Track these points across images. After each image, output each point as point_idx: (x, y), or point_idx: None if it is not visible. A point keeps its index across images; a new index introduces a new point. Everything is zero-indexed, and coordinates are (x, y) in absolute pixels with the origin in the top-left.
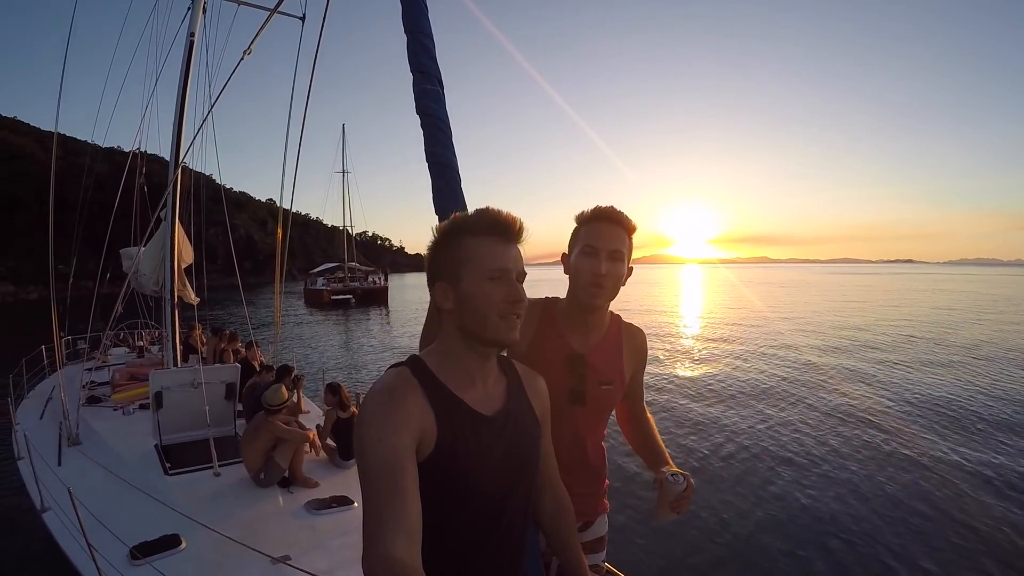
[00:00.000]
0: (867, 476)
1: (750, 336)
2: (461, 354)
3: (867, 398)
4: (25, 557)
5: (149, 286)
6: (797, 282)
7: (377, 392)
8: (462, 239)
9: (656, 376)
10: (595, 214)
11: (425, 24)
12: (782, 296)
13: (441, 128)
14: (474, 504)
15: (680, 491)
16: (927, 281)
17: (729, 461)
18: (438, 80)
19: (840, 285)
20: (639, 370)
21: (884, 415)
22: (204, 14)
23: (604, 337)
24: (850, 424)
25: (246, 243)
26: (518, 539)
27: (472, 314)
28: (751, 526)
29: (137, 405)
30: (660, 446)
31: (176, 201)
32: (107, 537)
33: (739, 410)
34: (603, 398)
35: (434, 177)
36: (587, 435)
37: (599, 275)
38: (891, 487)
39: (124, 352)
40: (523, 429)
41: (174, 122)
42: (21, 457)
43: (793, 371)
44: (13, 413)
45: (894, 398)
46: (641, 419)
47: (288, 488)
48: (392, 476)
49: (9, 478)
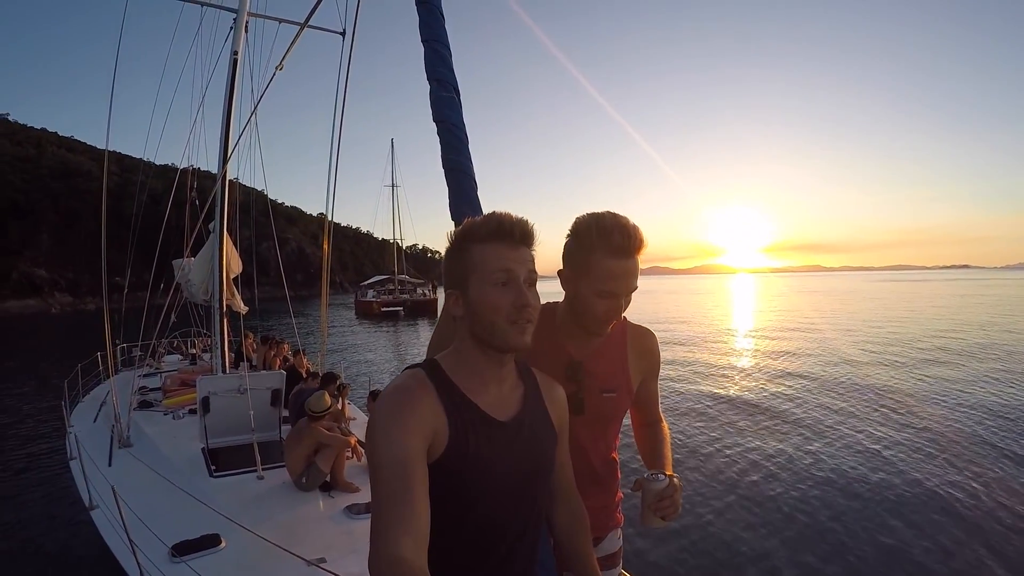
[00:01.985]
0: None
1: (816, 351)
2: (475, 359)
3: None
4: (73, 551)
5: (199, 295)
6: (853, 291)
7: (390, 393)
8: (469, 246)
9: (699, 390)
10: (612, 249)
11: (442, 34)
12: (839, 305)
13: (457, 135)
14: (484, 509)
15: (661, 490)
16: (984, 287)
17: (770, 480)
18: (454, 88)
19: (896, 292)
20: (650, 375)
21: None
22: (247, 32)
23: (605, 342)
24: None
25: (298, 256)
26: (529, 549)
27: (481, 321)
28: (783, 545)
29: (187, 410)
30: (664, 452)
31: (224, 212)
32: (149, 535)
33: (784, 429)
34: (605, 406)
35: (451, 184)
36: (590, 446)
37: (618, 314)
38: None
39: (177, 359)
40: (537, 436)
41: (220, 136)
42: (73, 457)
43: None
44: (67, 416)
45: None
46: (654, 427)
47: (329, 492)
48: (401, 477)
49: (61, 477)
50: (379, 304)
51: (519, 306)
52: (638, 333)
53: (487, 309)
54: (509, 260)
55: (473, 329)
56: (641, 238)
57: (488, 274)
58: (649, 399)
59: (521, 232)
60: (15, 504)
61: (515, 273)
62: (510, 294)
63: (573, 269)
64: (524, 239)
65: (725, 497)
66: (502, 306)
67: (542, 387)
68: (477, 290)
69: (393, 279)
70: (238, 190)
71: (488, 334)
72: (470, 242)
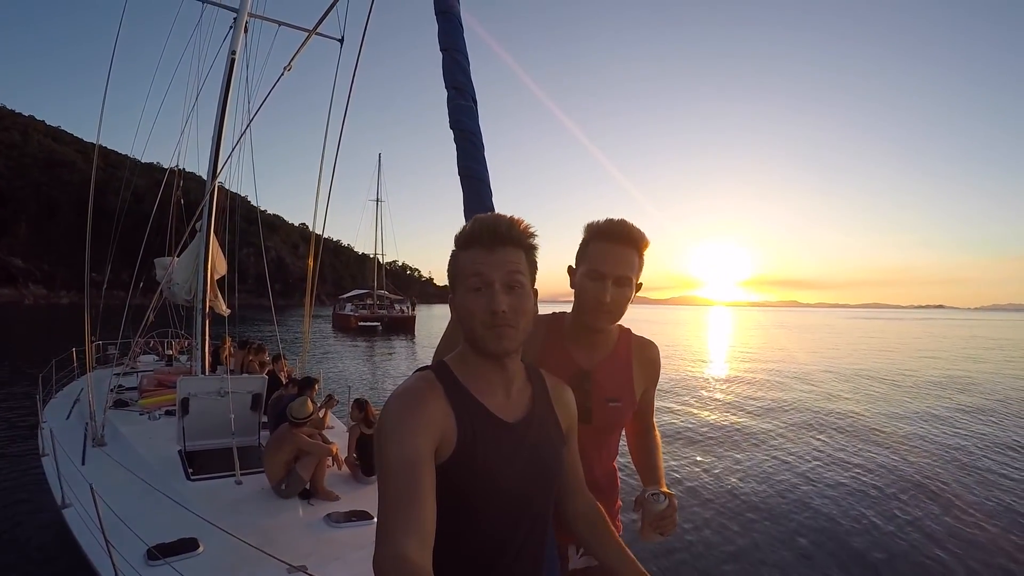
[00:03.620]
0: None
1: (783, 381)
2: (477, 362)
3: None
4: (43, 550)
5: (182, 295)
6: (826, 327)
7: (399, 394)
8: (457, 253)
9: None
10: (604, 232)
11: (461, 42)
12: (813, 341)
13: (474, 143)
14: (492, 511)
15: (661, 510)
16: (957, 327)
17: (761, 495)
18: (472, 96)
19: (870, 331)
20: (651, 385)
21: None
22: (246, 33)
23: (612, 353)
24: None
25: (277, 265)
26: (537, 551)
27: (464, 327)
28: (779, 555)
29: (163, 411)
30: (658, 465)
31: (212, 211)
32: (126, 536)
33: (770, 449)
34: (610, 416)
35: (466, 190)
36: (594, 454)
37: (603, 303)
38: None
39: (153, 360)
40: (546, 438)
41: (214, 131)
42: (46, 454)
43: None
44: (40, 411)
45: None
46: (648, 434)
47: (308, 500)
48: (408, 477)
49: (32, 473)
50: (357, 319)
51: (491, 311)
52: (642, 344)
53: (465, 315)
54: (482, 265)
55: (464, 335)
56: (639, 232)
57: (465, 280)
58: (646, 407)
59: (494, 234)
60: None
61: (487, 278)
62: (483, 299)
63: (576, 264)
64: (503, 240)
65: (712, 513)
66: (476, 312)
67: (551, 389)
68: (459, 296)
69: (372, 294)
70: (227, 195)
71: (471, 339)
72: (457, 249)
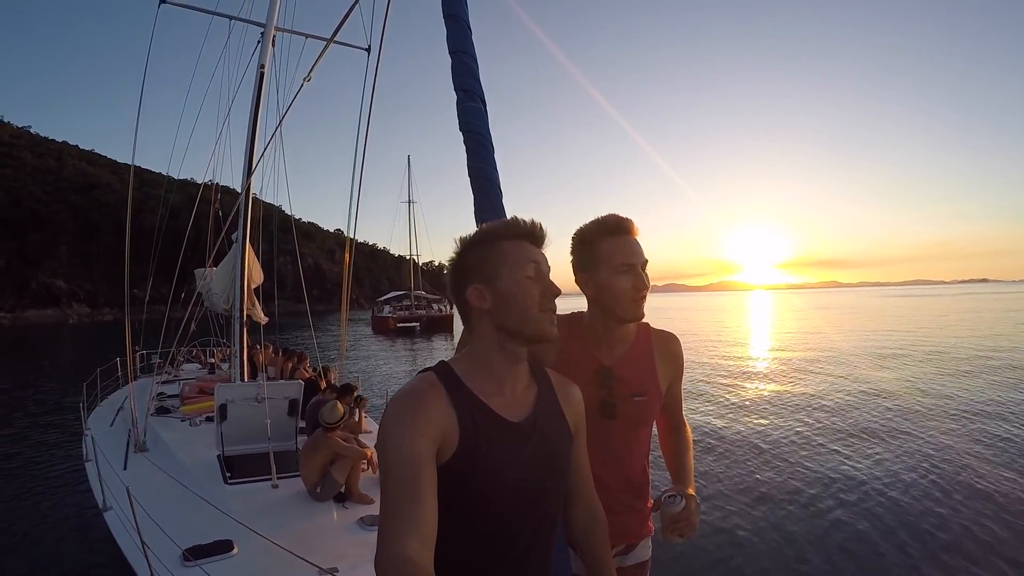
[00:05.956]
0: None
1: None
2: (491, 358)
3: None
4: (84, 552)
5: (220, 305)
6: (869, 307)
7: (400, 395)
8: (499, 243)
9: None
10: (612, 227)
11: (469, 45)
12: (856, 323)
13: (484, 144)
14: (497, 511)
15: (677, 512)
16: (1003, 301)
17: (799, 495)
18: (481, 99)
19: (913, 309)
20: (676, 378)
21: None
22: (273, 46)
23: (632, 347)
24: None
25: (315, 272)
26: (544, 551)
27: (513, 310)
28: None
29: (204, 417)
30: (687, 463)
31: (247, 220)
32: (162, 538)
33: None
34: (635, 410)
35: (476, 191)
36: (623, 450)
37: (644, 289)
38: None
39: (196, 368)
40: (552, 438)
41: (246, 147)
42: (89, 459)
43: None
44: (85, 419)
45: None
46: (677, 432)
47: (343, 503)
48: (409, 478)
49: (76, 478)
50: (395, 320)
51: (549, 295)
52: (663, 337)
53: (520, 297)
54: (537, 255)
55: (502, 320)
56: (632, 222)
57: (520, 267)
58: (674, 403)
59: (543, 234)
60: (29, 502)
61: (543, 267)
62: (539, 285)
63: (586, 268)
64: (543, 241)
65: (748, 511)
66: (534, 295)
67: (556, 387)
68: (510, 281)
69: (409, 295)
70: (261, 207)
71: (520, 323)
72: (500, 239)
